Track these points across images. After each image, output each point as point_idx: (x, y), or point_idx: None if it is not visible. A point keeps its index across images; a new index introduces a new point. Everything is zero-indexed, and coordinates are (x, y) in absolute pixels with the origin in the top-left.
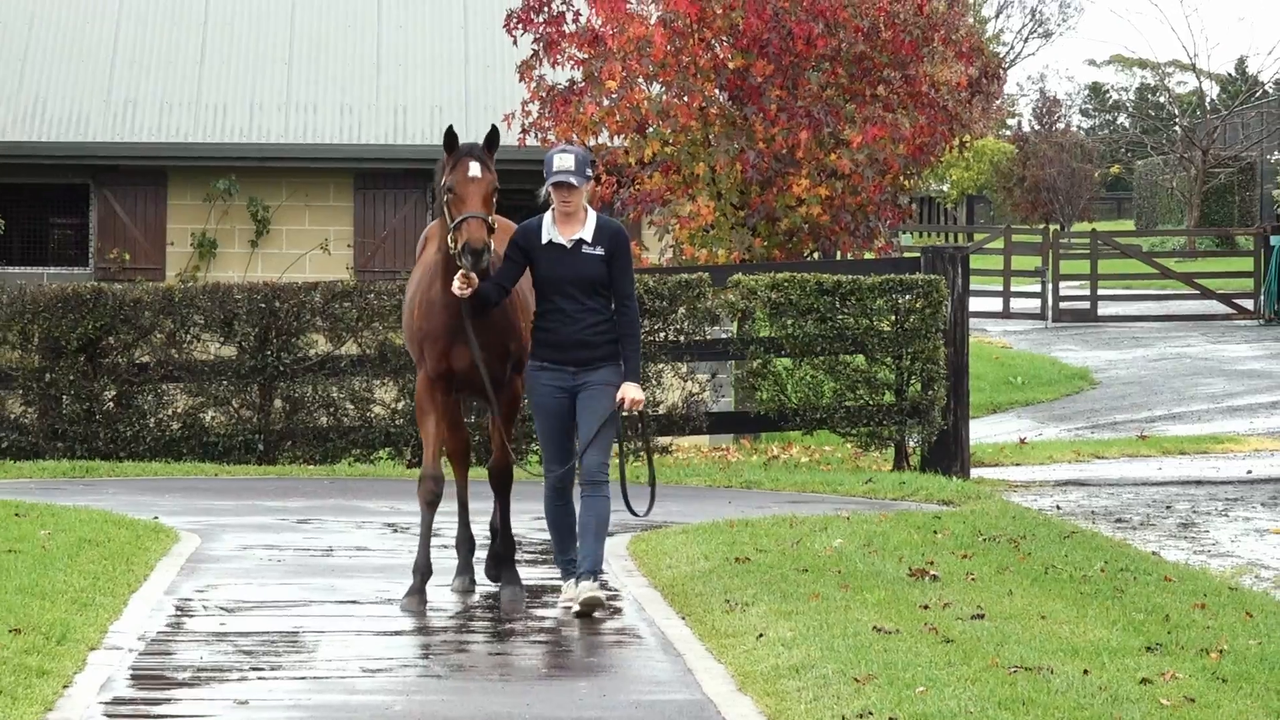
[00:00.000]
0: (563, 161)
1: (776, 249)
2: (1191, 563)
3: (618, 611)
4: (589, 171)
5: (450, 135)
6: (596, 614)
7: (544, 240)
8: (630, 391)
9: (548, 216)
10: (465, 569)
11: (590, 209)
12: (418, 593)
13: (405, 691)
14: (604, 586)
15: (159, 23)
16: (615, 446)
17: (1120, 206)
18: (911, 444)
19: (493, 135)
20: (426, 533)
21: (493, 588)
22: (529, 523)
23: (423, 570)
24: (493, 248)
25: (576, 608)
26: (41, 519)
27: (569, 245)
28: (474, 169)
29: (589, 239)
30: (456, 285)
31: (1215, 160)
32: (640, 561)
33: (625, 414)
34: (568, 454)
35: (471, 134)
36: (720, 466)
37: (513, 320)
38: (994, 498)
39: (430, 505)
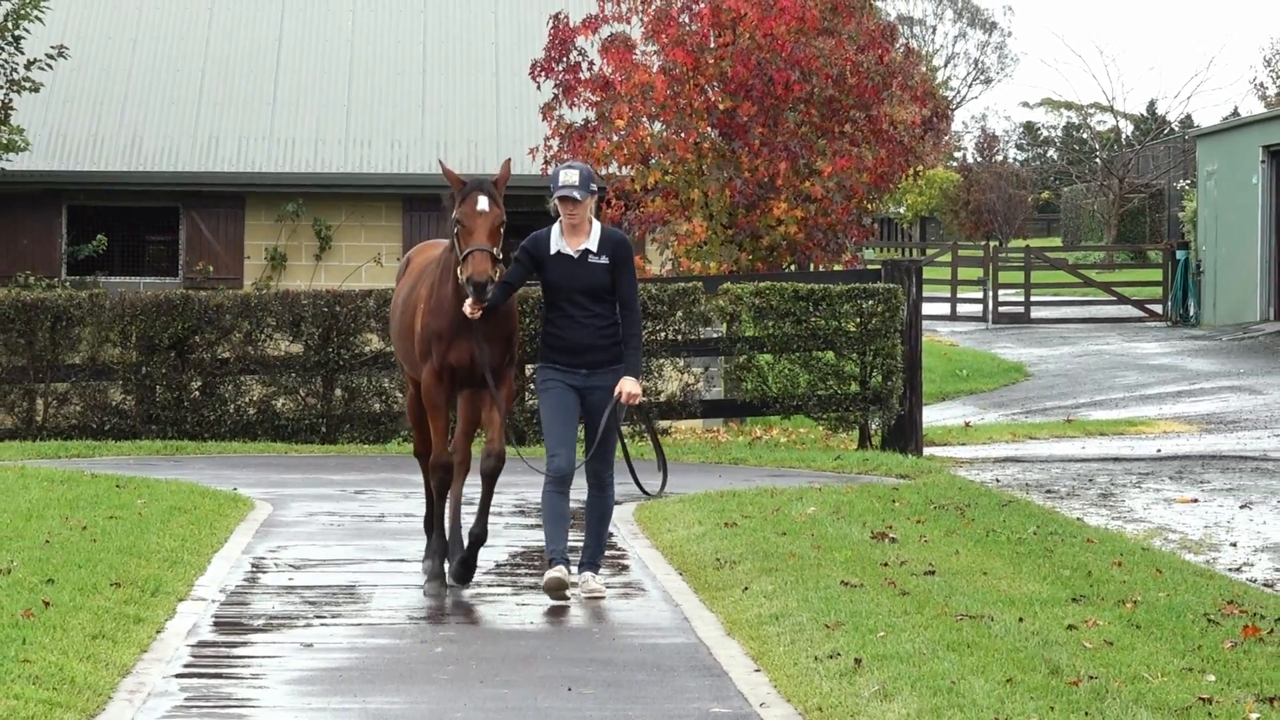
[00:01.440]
0: (568, 177)
1: (759, 262)
2: (1110, 527)
3: (625, 568)
4: (592, 186)
5: (446, 171)
6: (602, 600)
7: (552, 251)
8: (627, 385)
9: (555, 228)
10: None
11: (595, 221)
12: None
13: (446, 637)
14: (612, 548)
15: (237, 71)
16: (619, 432)
17: (1050, 226)
18: (873, 427)
19: (503, 171)
20: (446, 515)
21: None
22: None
23: (443, 552)
24: (496, 279)
25: (583, 595)
26: (138, 490)
27: (576, 255)
28: (482, 203)
29: (594, 249)
30: (468, 308)
31: (1130, 187)
32: (644, 526)
33: (623, 407)
34: (571, 443)
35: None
36: (712, 446)
37: (514, 320)
38: (943, 472)
39: (442, 494)
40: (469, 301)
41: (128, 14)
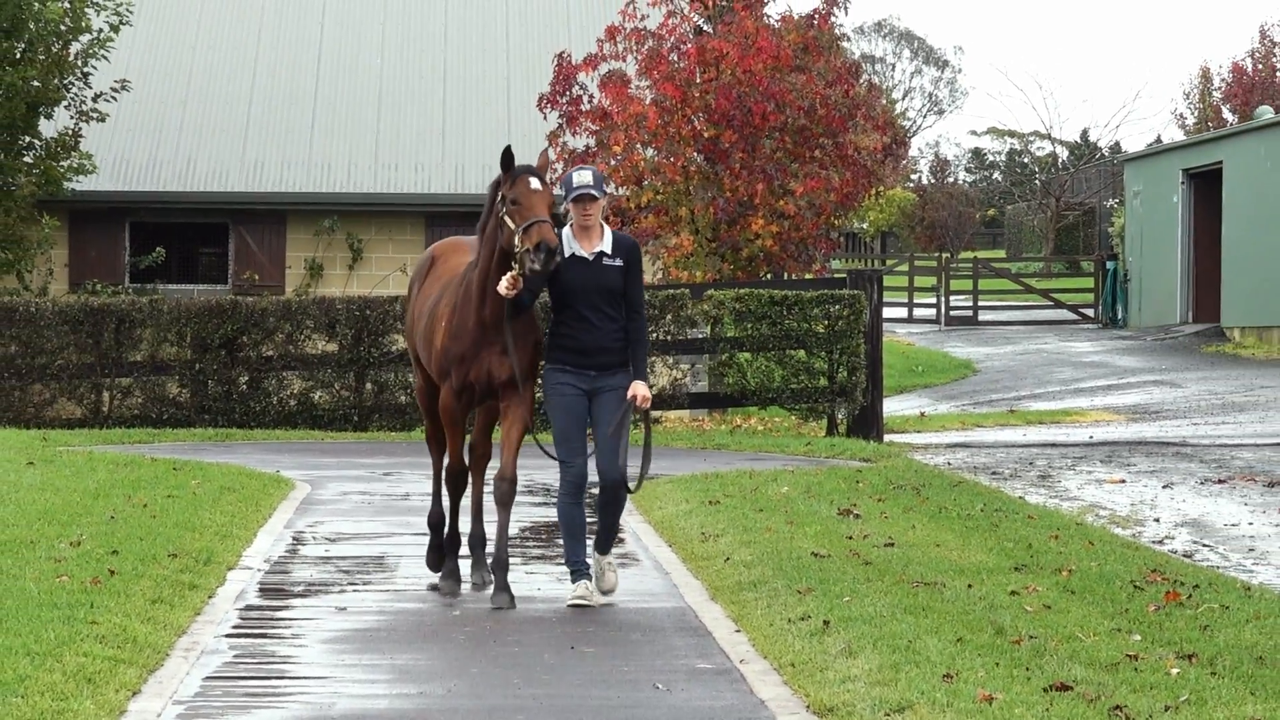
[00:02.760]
0: (582, 177)
1: (740, 271)
2: (1048, 505)
3: (622, 541)
4: (605, 187)
5: (508, 154)
6: (614, 595)
7: (566, 254)
8: (639, 389)
9: (566, 232)
10: (479, 565)
11: (605, 225)
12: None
13: (462, 601)
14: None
15: (280, 104)
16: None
17: (995, 239)
18: (839, 416)
19: (540, 161)
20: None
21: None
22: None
23: (454, 548)
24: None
25: (601, 598)
26: (192, 472)
27: (590, 258)
28: (535, 183)
29: (609, 251)
30: (505, 285)
31: (1065, 205)
32: (638, 504)
33: (636, 412)
34: (583, 451)
35: None
36: (697, 433)
37: (537, 332)
38: (901, 456)
39: (456, 496)
40: (509, 276)
41: (182, 52)
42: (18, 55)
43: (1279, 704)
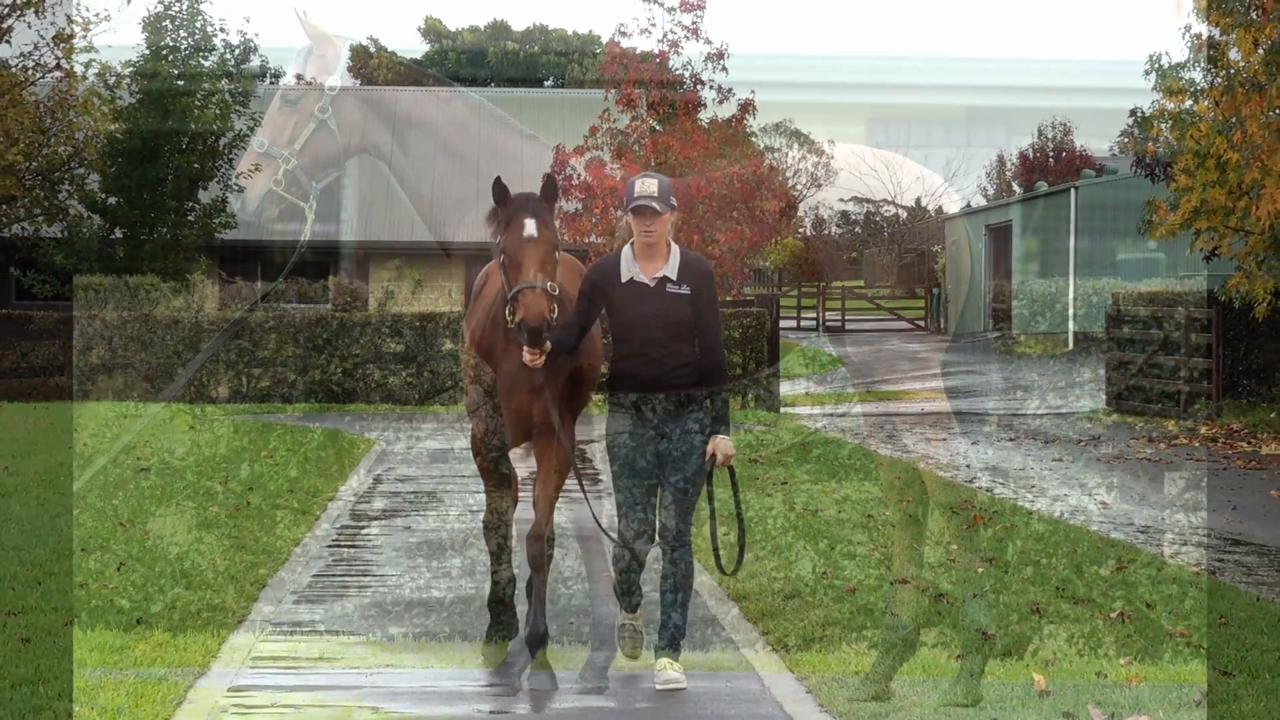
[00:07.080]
0: (645, 186)
1: None
2: (895, 454)
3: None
4: (672, 201)
5: (498, 187)
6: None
7: (624, 278)
8: (722, 446)
9: (627, 251)
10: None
11: (674, 244)
12: (547, 668)
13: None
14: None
15: (366, 178)
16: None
17: (857, 273)
18: (751, 394)
19: (548, 186)
20: (541, 597)
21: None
22: None
23: (540, 639)
24: (554, 318)
25: (659, 684)
26: (304, 434)
27: (652, 284)
28: (529, 228)
29: (674, 277)
30: (527, 358)
31: (905, 250)
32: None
33: (716, 469)
34: (648, 516)
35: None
36: None
37: (583, 357)
38: (793, 422)
39: (539, 569)
40: (525, 351)
41: None
42: (183, 146)
43: (1053, 592)
